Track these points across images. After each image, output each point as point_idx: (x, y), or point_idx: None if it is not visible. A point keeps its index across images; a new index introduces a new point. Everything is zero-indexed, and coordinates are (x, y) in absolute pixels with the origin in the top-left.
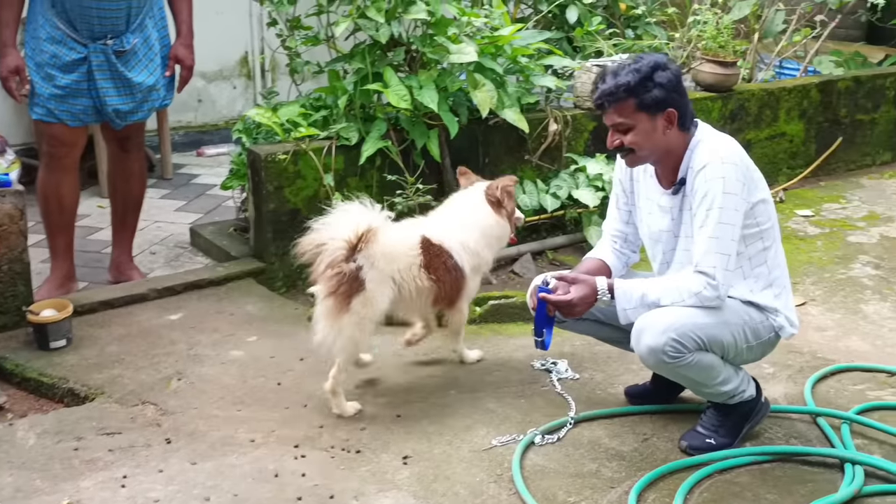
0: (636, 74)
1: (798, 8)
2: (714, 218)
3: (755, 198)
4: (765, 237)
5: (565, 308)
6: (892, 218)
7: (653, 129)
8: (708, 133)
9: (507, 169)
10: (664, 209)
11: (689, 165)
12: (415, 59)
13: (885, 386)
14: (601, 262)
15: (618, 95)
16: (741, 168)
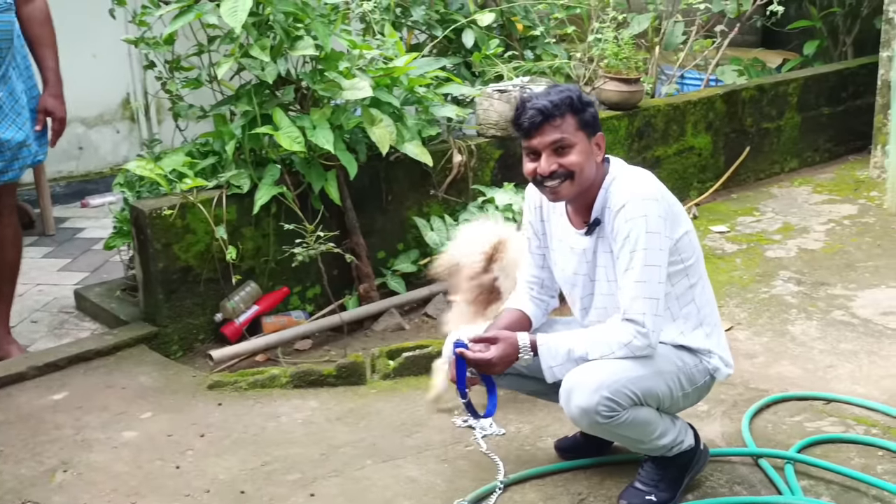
0: (570, 92)
1: (696, 18)
2: (639, 260)
3: (678, 233)
4: (690, 273)
5: (484, 367)
6: (807, 229)
7: (589, 153)
8: (622, 169)
9: (413, 206)
10: (577, 251)
11: (604, 205)
12: (305, 97)
13: (823, 415)
14: (520, 314)
15: (561, 109)
16: (662, 204)
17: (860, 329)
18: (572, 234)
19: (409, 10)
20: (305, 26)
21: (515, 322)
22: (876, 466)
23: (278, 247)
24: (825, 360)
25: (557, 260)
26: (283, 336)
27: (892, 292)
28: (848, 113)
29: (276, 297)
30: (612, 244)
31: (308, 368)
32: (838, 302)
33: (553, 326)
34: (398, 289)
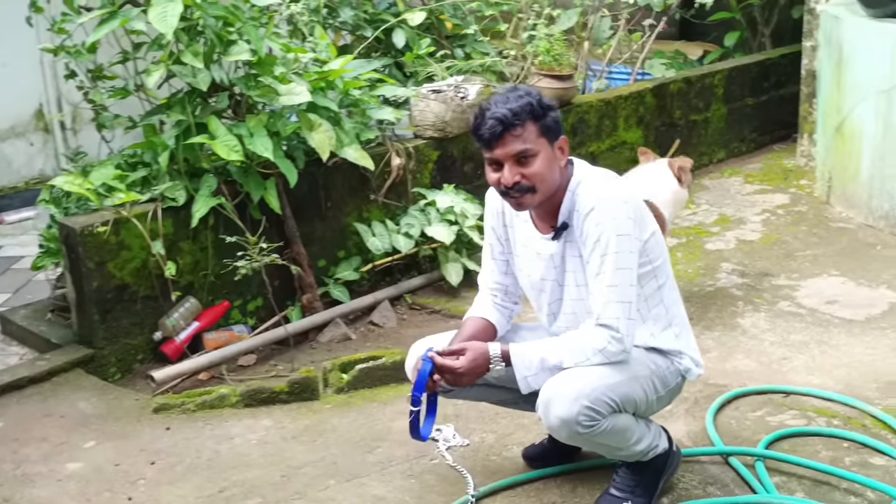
0: (530, 97)
1: (624, 13)
2: (611, 264)
3: (646, 234)
4: (658, 274)
5: (453, 377)
6: (743, 220)
7: (553, 160)
8: (587, 171)
9: (353, 212)
10: (544, 256)
11: (572, 208)
12: (240, 103)
13: (784, 408)
14: (484, 322)
15: (522, 117)
16: (630, 205)
17: (808, 319)
18: (538, 239)
19: (336, 11)
20: (237, 30)
21: (480, 331)
22: (844, 458)
23: (218, 260)
24: (778, 352)
25: (523, 266)
26: (226, 352)
27: (834, 281)
28: (771, 102)
29: (216, 312)
30: (582, 248)
31: (259, 386)
32: (783, 292)
33: (518, 333)
34: (342, 298)
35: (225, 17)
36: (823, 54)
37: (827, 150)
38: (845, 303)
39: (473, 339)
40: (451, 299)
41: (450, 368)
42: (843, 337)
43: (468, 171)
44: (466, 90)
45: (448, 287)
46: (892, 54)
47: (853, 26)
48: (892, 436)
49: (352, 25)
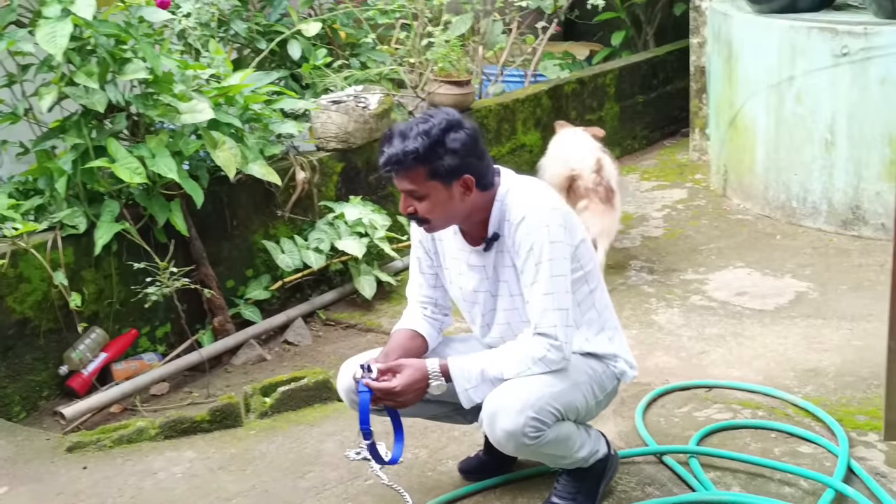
0: (425, 139)
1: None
2: (545, 272)
3: (576, 240)
4: (589, 279)
5: (394, 401)
6: (646, 216)
7: (449, 198)
8: (514, 180)
9: (259, 229)
10: (475, 268)
11: (502, 218)
12: (137, 123)
13: (709, 402)
14: (415, 334)
15: (406, 164)
16: (560, 212)
17: (720, 312)
18: (469, 251)
19: (228, 24)
20: (131, 49)
21: (409, 341)
22: (773, 449)
23: (123, 287)
24: (696, 346)
25: (453, 278)
26: (137, 382)
27: (740, 272)
28: (660, 99)
29: (124, 342)
30: (515, 258)
31: (178, 416)
32: (693, 287)
33: (451, 346)
34: (253, 318)
35: (117, 36)
36: (712, 50)
37: (721, 144)
38: (754, 294)
39: (403, 350)
40: (365, 313)
41: (388, 391)
42: (756, 328)
43: (373, 181)
44: (367, 100)
45: (362, 300)
46: (779, 49)
47: (741, 22)
48: (816, 423)
49: (245, 38)
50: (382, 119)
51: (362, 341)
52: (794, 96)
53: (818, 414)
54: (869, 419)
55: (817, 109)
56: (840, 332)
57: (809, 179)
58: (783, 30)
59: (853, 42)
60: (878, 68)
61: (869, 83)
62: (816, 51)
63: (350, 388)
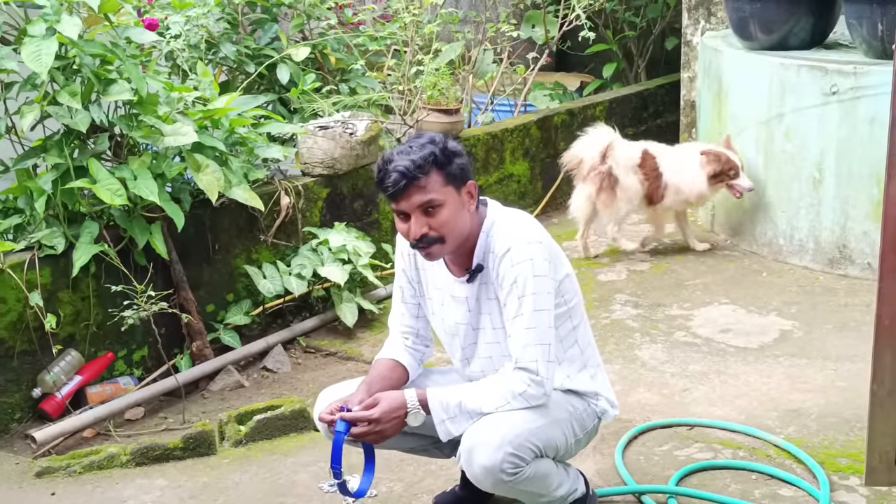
0: (434, 146)
1: (506, 46)
2: (528, 306)
3: (561, 274)
4: (573, 315)
5: (370, 430)
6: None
7: (461, 206)
8: (500, 212)
9: (242, 253)
10: (458, 300)
11: (487, 250)
12: (120, 144)
13: (689, 441)
14: (395, 363)
15: (425, 169)
16: (546, 246)
17: (704, 349)
18: (452, 282)
19: (216, 47)
20: (116, 69)
21: (392, 374)
22: (753, 491)
23: (100, 309)
24: (679, 383)
25: (436, 309)
26: (112, 407)
27: (725, 309)
28: (650, 132)
29: (100, 365)
30: (498, 290)
31: (151, 442)
32: (678, 322)
33: (430, 377)
34: (233, 343)
35: (103, 56)
36: (702, 85)
37: None
38: (738, 331)
39: (385, 380)
40: (346, 341)
41: (367, 420)
42: (740, 366)
43: (358, 208)
44: (355, 126)
45: (343, 328)
46: (769, 86)
47: (732, 58)
48: (797, 465)
49: (234, 61)
50: (369, 146)
51: (342, 369)
52: (783, 133)
53: (800, 456)
54: (851, 462)
55: (806, 147)
56: (824, 372)
57: (797, 217)
58: (773, 67)
59: (843, 81)
60: (866, 108)
61: (858, 122)
62: (806, 89)
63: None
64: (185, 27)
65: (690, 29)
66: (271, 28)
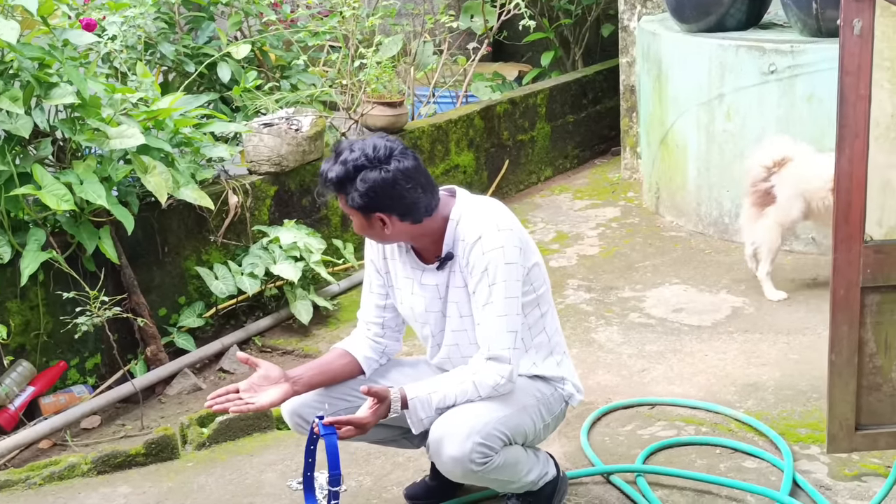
0: (342, 169)
1: (446, 38)
2: (499, 293)
3: (530, 262)
4: (541, 302)
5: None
6: (581, 235)
7: (370, 226)
8: (469, 200)
9: (192, 255)
10: (428, 287)
11: (456, 238)
12: (63, 149)
13: (652, 420)
14: (343, 353)
15: (330, 189)
16: (516, 233)
17: (659, 329)
18: (422, 269)
19: (155, 47)
20: (57, 72)
21: (336, 363)
22: (719, 465)
23: (51, 318)
24: (637, 364)
25: (404, 299)
26: (67, 416)
27: (676, 289)
28: (590, 118)
29: (52, 374)
30: (468, 278)
31: (112, 450)
32: (631, 304)
33: (400, 369)
34: (187, 346)
35: (41, 59)
36: (641, 70)
37: (653, 163)
38: (691, 310)
39: (319, 369)
40: (302, 338)
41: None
42: (695, 344)
43: (307, 204)
44: (300, 122)
45: (298, 326)
46: (709, 67)
47: (670, 42)
48: (759, 438)
49: (173, 61)
50: (315, 141)
51: None
52: (723, 113)
53: (760, 428)
54: (810, 432)
55: (747, 126)
56: (777, 346)
57: (741, 195)
58: (712, 48)
59: (780, 60)
60: (804, 85)
61: (796, 100)
62: (745, 68)
63: (294, 412)
64: (121, 28)
65: (627, 14)
66: (209, 27)
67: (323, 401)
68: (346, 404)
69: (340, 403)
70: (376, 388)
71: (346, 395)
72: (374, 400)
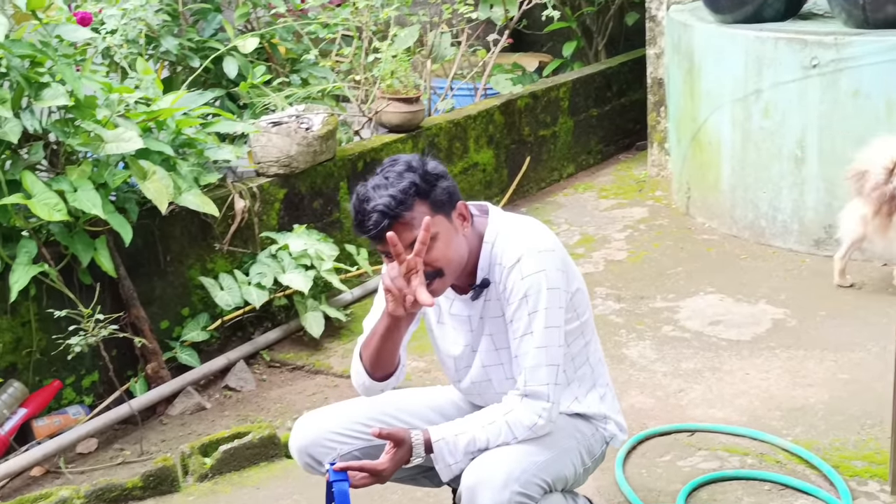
0: (414, 173)
1: (465, 28)
2: (540, 322)
3: (573, 286)
4: (585, 331)
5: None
6: (607, 238)
7: (455, 232)
8: (504, 219)
9: (195, 264)
10: (460, 318)
11: (492, 262)
12: (56, 153)
13: (692, 448)
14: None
15: (408, 203)
16: (559, 255)
17: (695, 344)
18: (452, 298)
19: (157, 41)
20: (49, 71)
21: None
22: None
23: (44, 335)
24: (672, 384)
25: (433, 328)
26: (62, 441)
27: (712, 298)
28: (614, 112)
29: (46, 395)
30: (505, 305)
31: (106, 483)
32: (664, 316)
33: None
34: (191, 362)
35: (33, 57)
36: (671, 62)
37: (683, 161)
38: (729, 322)
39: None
40: (313, 352)
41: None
42: (735, 361)
43: (318, 207)
44: (310, 120)
45: (309, 339)
46: (745, 61)
47: (703, 33)
48: (810, 471)
49: (176, 56)
50: (327, 140)
51: (311, 384)
52: (761, 110)
53: (812, 461)
54: (867, 465)
55: (786, 124)
56: (824, 364)
57: (779, 197)
58: (749, 41)
59: (823, 53)
60: (849, 80)
61: (840, 96)
62: (784, 62)
63: (303, 450)
64: (121, 21)
65: (655, 3)
66: (215, 18)
67: (338, 439)
68: (365, 444)
69: (357, 443)
70: (390, 430)
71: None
72: (392, 444)
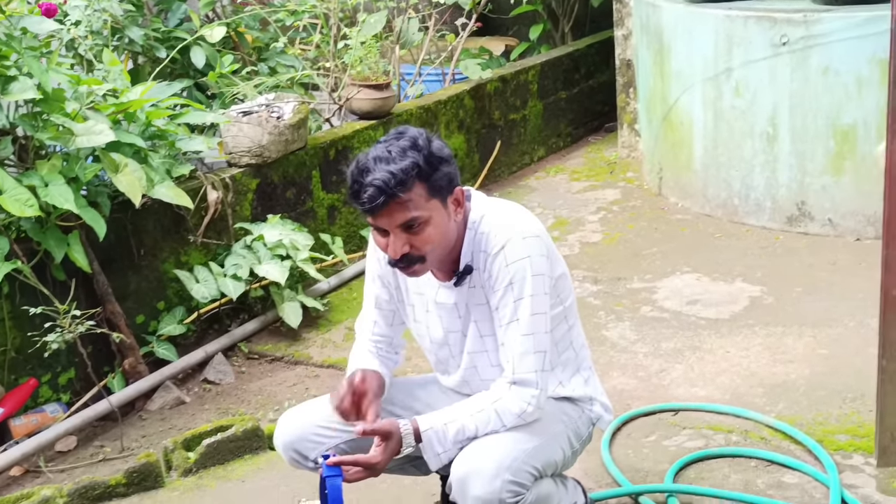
0: (418, 153)
1: (433, 13)
2: (525, 309)
3: (557, 272)
4: (568, 315)
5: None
6: (581, 220)
7: (447, 219)
8: (488, 204)
9: (170, 257)
10: (445, 306)
11: (476, 248)
12: (25, 147)
13: (676, 428)
14: (380, 377)
15: (407, 182)
16: (543, 240)
17: (674, 324)
18: (437, 286)
19: (122, 32)
20: (15, 64)
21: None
22: (756, 481)
23: (18, 332)
24: (654, 364)
25: (419, 317)
26: (40, 440)
27: (688, 278)
28: (583, 94)
29: (23, 393)
30: (490, 293)
31: (89, 481)
32: (642, 297)
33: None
34: (168, 356)
35: None
36: (640, 43)
37: (655, 141)
38: (707, 301)
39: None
40: (292, 343)
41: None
42: (715, 339)
43: (291, 197)
44: (281, 109)
45: (287, 329)
46: (715, 40)
47: (672, 13)
48: (795, 446)
49: (142, 46)
50: (298, 129)
51: (291, 375)
52: (732, 89)
53: (797, 436)
54: (850, 438)
55: (757, 102)
56: (803, 339)
57: (751, 175)
58: (718, 20)
59: (793, 31)
60: (819, 57)
61: (810, 73)
62: (754, 41)
63: (289, 445)
64: (85, 12)
65: None
66: (180, 8)
67: (323, 433)
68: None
69: (343, 435)
70: (375, 426)
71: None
72: (380, 438)
